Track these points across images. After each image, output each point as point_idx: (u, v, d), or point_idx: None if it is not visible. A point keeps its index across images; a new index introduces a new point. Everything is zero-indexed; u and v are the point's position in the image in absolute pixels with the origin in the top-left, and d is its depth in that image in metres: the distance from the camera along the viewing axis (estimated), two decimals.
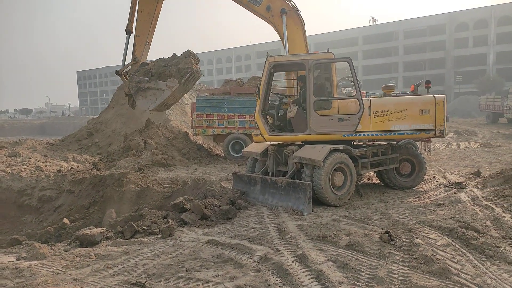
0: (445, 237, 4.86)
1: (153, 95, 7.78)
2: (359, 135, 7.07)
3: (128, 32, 8.19)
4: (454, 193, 7.28)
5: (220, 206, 6.42)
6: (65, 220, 7.87)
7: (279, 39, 8.20)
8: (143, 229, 5.65)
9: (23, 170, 12.80)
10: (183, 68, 7.75)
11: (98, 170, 12.35)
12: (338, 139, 7.07)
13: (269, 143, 7.67)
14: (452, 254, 4.32)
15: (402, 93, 7.99)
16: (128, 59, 8.31)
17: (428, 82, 7.50)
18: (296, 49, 7.84)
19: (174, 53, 8.26)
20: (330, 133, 7.04)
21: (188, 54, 7.98)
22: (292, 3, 7.93)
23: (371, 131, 7.03)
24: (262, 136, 7.36)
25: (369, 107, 7.00)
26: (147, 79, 7.77)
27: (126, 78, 8.33)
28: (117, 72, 8.42)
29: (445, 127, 6.97)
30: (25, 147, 18.39)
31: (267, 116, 7.68)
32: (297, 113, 7.27)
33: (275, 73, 7.69)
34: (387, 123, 6.93)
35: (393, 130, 6.96)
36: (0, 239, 8.86)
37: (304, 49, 7.77)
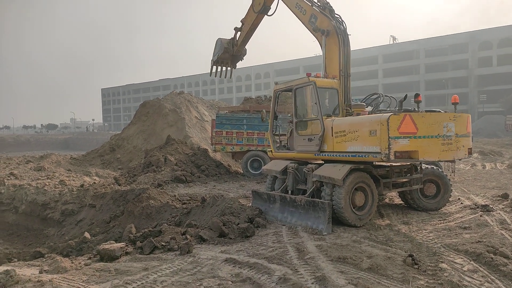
0: (472, 262, 4.67)
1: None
2: (323, 155, 7.16)
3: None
4: (481, 216, 7.01)
5: (238, 224, 6.39)
6: (86, 234, 8.01)
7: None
8: (162, 245, 5.67)
9: (47, 184, 13.16)
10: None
11: (119, 185, 12.57)
12: (310, 158, 7.59)
13: (288, 161, 7.92)
14: (480, 281, 4.13)
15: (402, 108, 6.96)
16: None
17: (416, 95, 6.55)
18: (331, 69, 7.93)
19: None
20: (305, 152, 7.59)
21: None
22: (336, 22, 7.98)
23: (333, 152, 6.98)
24: (272, 152, 8.69)
25: (332, 128, 6.96)
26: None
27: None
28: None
29: (392, 150, 5.92)
30: (49, 161, 18.97)
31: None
32: (291, 133, 8.09)
33: None
34: (344, 144, 6.75)
35: (349, 151, 6.66)
36: (24, 251, 9.07)
37: (336, 70, 7.75)
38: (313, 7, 8.40)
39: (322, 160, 7.43)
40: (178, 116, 23.36)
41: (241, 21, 11.63)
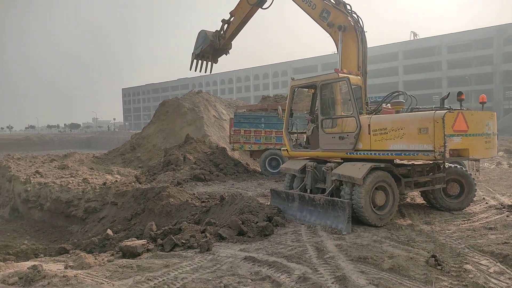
0: (498, 263, 4.53)
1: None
2: (358, 153, 6.85)
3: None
4: (507, 216, 6.79)
5: (257, 222, 6.40)
6: (109, 231, 8.19)
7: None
8: (182, 242, 5.75)
9: (71, 182, 13.53)
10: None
11: (140, 183, 12.79)
12: (342, 156, 7.24)
13: (307, 160, 7.84)
14: (507, 283, 4.00)
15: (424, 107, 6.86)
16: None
17: (460, 94, 6.50)
18: (348, 66, 7.67)
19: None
20: (335, 151, 7.26)
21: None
22: (353, 18, 7.73)
23: (371, 150, 6.67)
24: (287, 151, 8.32)
25: (369, 125, 6.67)
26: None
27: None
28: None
29: (447, 148, 5.79)
30: (73, 160, 19.49)
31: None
32: (313, 131, 7.85)
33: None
34: (385, 142, 6.43)
35: (391, 150, 6.38)
36: (50, 247, 9.37)
37: (355, 67, 7.52)
38: (324, 1, 8.04)
39: (341, 159, 7.34)
40: (197, 115, 23.58)
41: (230, 13, 10.74)
